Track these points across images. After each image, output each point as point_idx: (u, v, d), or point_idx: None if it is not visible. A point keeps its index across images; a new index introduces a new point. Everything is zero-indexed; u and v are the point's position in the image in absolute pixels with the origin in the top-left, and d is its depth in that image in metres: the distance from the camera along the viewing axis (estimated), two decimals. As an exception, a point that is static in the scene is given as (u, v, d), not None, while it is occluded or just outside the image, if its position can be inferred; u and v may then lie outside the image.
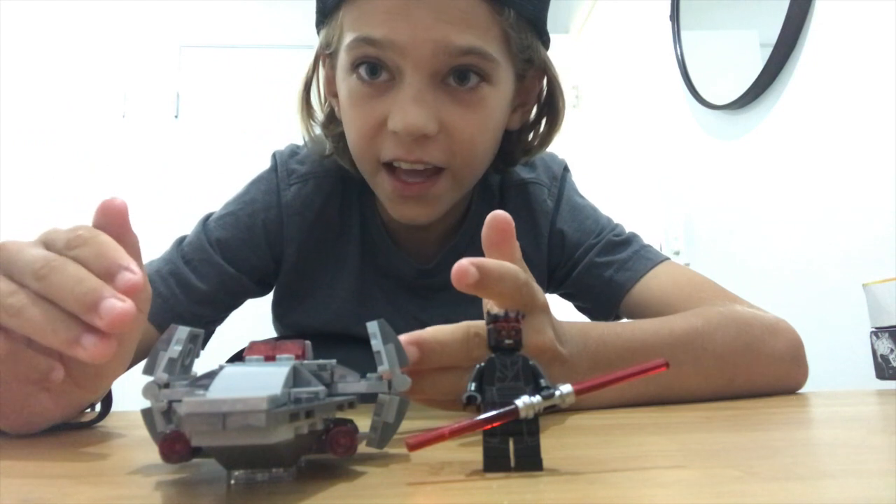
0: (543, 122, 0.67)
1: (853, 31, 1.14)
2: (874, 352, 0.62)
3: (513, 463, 0.24)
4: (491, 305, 0.39)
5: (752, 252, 1.47)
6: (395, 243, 0.69)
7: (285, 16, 3.14)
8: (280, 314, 0.76)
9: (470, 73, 0.56)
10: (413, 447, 0.23)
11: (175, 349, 0.26)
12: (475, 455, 0.24)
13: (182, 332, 0.27)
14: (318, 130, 0.67)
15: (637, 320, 0.57)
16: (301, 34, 3.28)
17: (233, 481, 0.23)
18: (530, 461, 0.24)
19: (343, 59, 0.58)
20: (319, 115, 0.67)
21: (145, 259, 0.67)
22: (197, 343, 0.28)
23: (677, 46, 1.73)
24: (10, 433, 0.39)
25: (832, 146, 1.20)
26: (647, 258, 0.67)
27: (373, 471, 0.25)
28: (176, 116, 3.07)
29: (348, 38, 0.56)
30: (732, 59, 1.54)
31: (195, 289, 0.64)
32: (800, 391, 0.60)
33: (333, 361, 0.27)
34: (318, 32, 0.63)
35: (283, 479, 0.23)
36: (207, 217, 0.70)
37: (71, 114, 3.01)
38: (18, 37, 3.02)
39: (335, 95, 0.64)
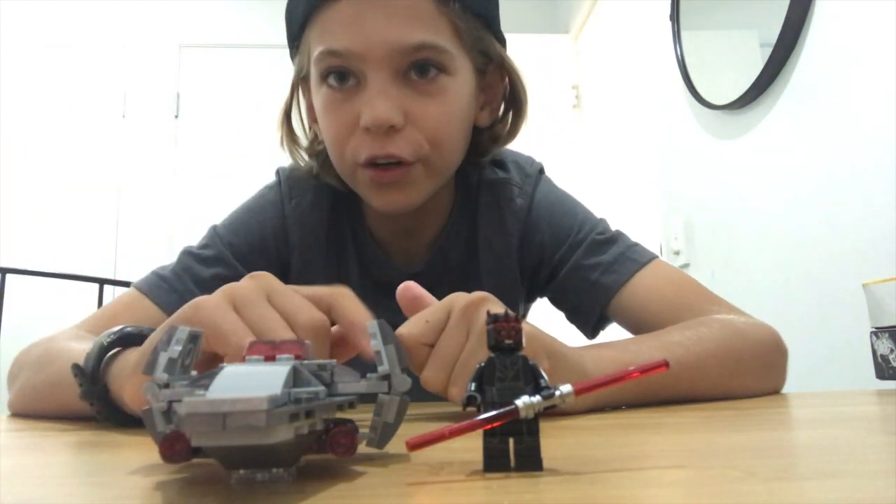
0: (510, 115, 0.71)
1: (853, 31, 1.14)
2: (874, 352, 0.62)
3: (513, 463, 0.24)
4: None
5: (752, 252, 1.47)
6: (386, 254, 0.72)
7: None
8: None
9: (428, 66, 0.60)
10: (413, 447, 0.23)
11: (175, 349, 0.26)
12: (475, 455, 0.24)
13: (182, 332, 0.27)
14: (303, 154, 0.72)
15: (630, 338, 0.58)
16: (301, 34, 3.27)
17: (233, 481, 0.23)
18: (530, 461, 0.24)
19: (314, 73, 0.63)
20: (304, 140, 0.72)
21: (154, 265, 0.69)
22: (197, 343, 0.28)
23: (677, 46, 1.73)
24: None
25: (832, 146, 1.20)
26: (633, 259, 0.67)
27: (373, 471, 0.25)
28: (176, 116, 3.07)
29: (315, 51, 0.61)
30: (732, 59, 1.54)
31: (209, 285, 0.65)
32: (799, 391, 0.60)
33: (333, 361, 0.27)
34: (293, 61, 0.69)
35: (283, 479, 0.23)
36: (214, 226, 0.73)
37: (71, 114, 3.01)
38: (19, 37, 3.02)
39: (317, 121, 0.68)
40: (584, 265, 0.68)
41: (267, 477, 0.23)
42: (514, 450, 0.24)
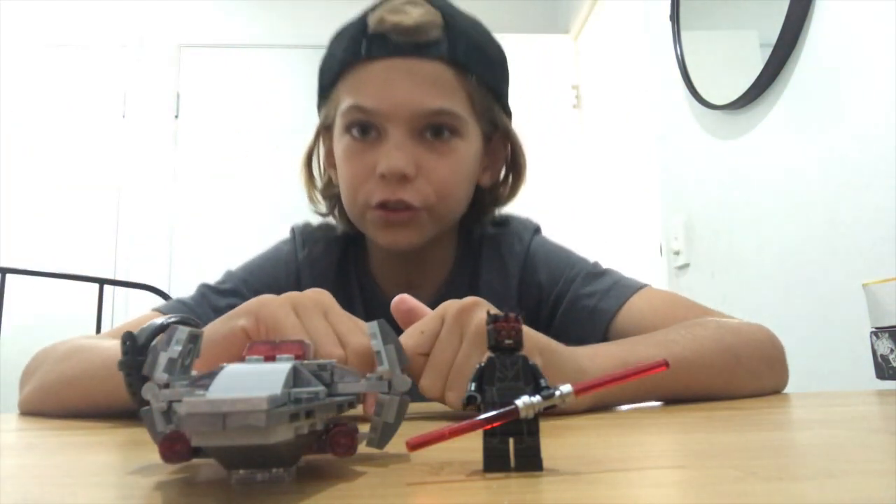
0: (511, 179, 0.78)
1: (853, 31, 1.14)
2: (874, 352, 0.62)
3: (513, 463, 0.24)
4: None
5: (752, 252, 1.47)
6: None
7: (285, 16, 3.14)
8: None
9: (443, 129, 0.67)
10: (413, 447, 0.23)
11: (175, 349, 0.26)
12: (475, 455, 0.24)
13: (182, 332, 0.27)
14: (318, 196, 0.78)
15: (627, 338, 0.59)
16: (301, 34, 3.28)
17: (233, 481, 0.23)
18: (530, 461, 0.24)
19: (339, 123, 0.70)
20: (319, 183, 0.78)
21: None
22: (197, 343, 0.28)
23: (677, 46, 1.73)
24: None
25: (832, 146, 1.20)
26: (627, 285, 0.71)
27: (373, 471, 0.25)
28: (176, 116, 3.07)
29: (344, 105, 0.68)
30: (732, 59, 1.54)
31: (225, 312, 0.69)
32: (799, 391, 0.60)
33: (333, 361, 0.27)
34: (319, 111, 0.75)
35: (283, 479, 0.23)
36: (230, 269, 0.78)
37: (71, 114, 3.00)
38: (19, 37, 3.02)
39: (333, 167, 0.74)
40: (582, 294, 0.71)
41: (267, 477, 0.23)
42: (514, 450, 0.24)
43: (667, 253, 1.90)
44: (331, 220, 0.79)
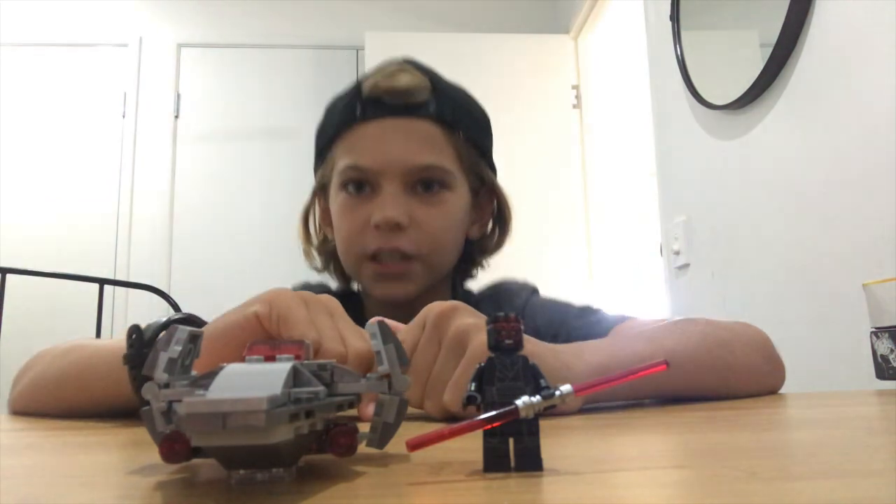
0: (497, 231, 0.83)
1: (853, 31, 1.14)
2: (874, 352, 0.62)
3: (513, 463, 0.24)
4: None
5: (752, 252, 1.47)
6: None
7: (285, 16, 3.13)
8: None
9: (433, 183, 0.73)
10: (413, 447, 0.23)
11: (175, 349, 0.26)
12: (475, 455, 0.24)
13: (182, 332, 0.27)
14: (314, 252, 0.82)
15: (621, 336, 0.59)
16: (301, 34, 3.28)
17: (233, 481, 0.23)
18: (530, 461, 0.24)
19: (335, 182, 0.75)
20: (315, 240, 0.82)
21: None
22: (197, 343, 0.28)
23: (677, 46, 1.73)
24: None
25: (832, 146, 1.20)
26: (618, 315, 0.73)
27: (373, 471, 0.25)
28: (176, 116, 3.07)
29: (340, 164, 0.73)
30: (732, 59, 1.54)
31: None
32: (799, 391, 0.60)
33: (333, 361, 0.27)
34: (315, 172, 0.80)
35: (283, 479, 0.23)
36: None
37: (71, 114, 3.00)
38: (18, 36, 3.02)
39: (329, 225, 0.79)
40: (575, 326, 0.74)
41: (267, 477, 0.23)
42: (514, 450, 0.24)
43: (667, 253, 1.90)
44: (327, 278, 0.82)
